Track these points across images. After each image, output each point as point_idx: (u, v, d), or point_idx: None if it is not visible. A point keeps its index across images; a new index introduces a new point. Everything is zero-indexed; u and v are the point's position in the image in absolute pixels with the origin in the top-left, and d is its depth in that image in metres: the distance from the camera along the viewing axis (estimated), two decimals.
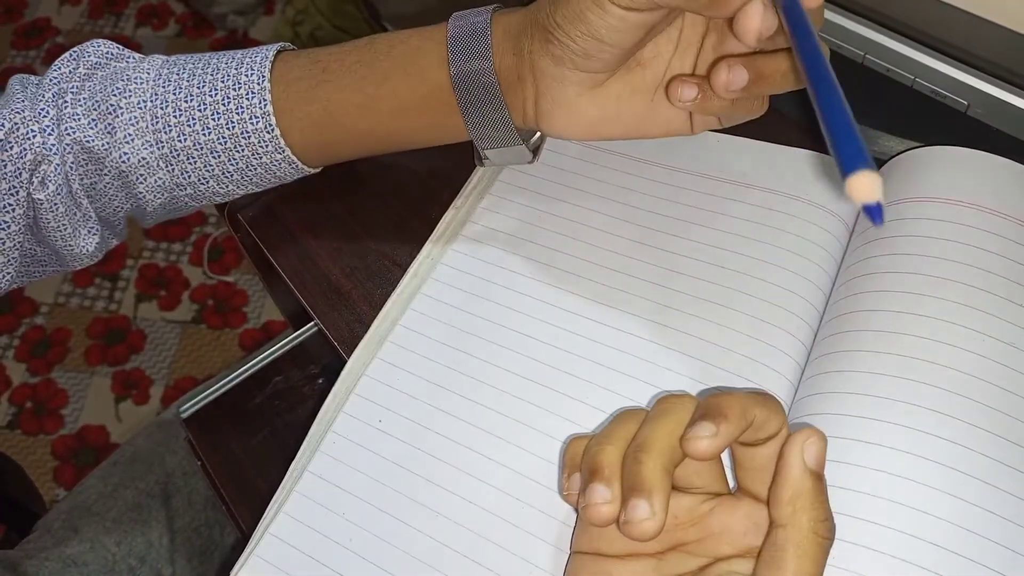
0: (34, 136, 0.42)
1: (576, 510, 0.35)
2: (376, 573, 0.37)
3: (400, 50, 0.42)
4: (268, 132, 0.42)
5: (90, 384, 1.33)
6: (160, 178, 0.43)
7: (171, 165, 0.43)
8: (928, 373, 0.35)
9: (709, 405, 0.30)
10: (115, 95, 0.42)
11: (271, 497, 0.39)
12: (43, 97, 0.42)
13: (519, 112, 0.41)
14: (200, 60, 0.43)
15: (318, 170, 0.45)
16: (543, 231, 0.45)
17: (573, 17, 0.36)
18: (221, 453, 0.46)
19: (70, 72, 0.43)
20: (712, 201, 0.44)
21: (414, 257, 0.45)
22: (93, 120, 0.42)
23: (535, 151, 0.45)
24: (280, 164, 0.43)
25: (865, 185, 0.24)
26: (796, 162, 0.44)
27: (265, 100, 0.42)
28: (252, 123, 0.42)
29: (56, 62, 0.44)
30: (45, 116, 0.42)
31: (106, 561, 0.54)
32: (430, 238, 0.45)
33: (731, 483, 0.34)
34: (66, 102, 0.42)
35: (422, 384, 0.41)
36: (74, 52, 0.44)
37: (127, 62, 0.44)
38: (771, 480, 0.30)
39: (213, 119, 0.42)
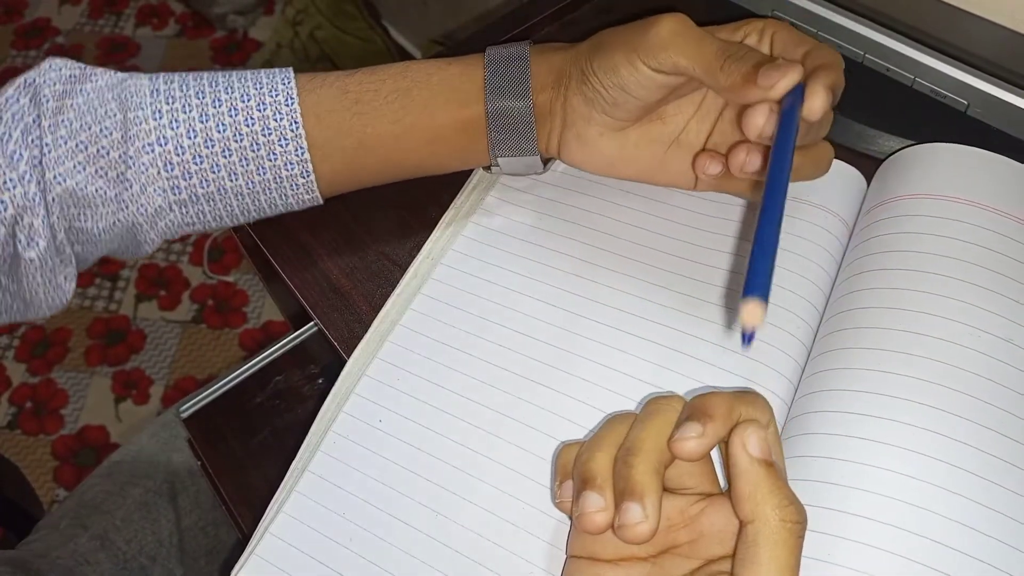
0: (12, 186, 0.37)
1: (570, 517, 0.35)
2: (376, 572, 0.37)
3: (439, 77, 0.42)
4: (304, 177, 0.41)
5: (90, 384, 1.33)
6: (172, 220, 0.41)
7: (186, 208, 0.41)
8: (927, 370, 0.35)
9: (695, 406, 0.30)
10: (107, 135, 0.38)
11: (271, 497, 0.39)
12: (10, 137, 0.38)
13: (543, 141, 0.43)
14: (205, 94, 0.40)
15: (322, 202, 0.44)
16: (543, 231, 0.45)
17: (608, 69, 0.39)
18: (221, 453, 0.46)
19: (31, 104, 0.39)
20: (713, 201, 0.44)
21: (414, 257, 0.45)
22: (82, 164, 0.38)
23: (546, 162, 0.46)
24: (303, 200, 0.43)
25: (753, 313, 0.29)
26: None
27: (302, 148, 0.41)
28: (287, 169, 0.41)
29: (5, 94, 0.39)
30: (20, 160, 0.37)
31: (117, 560, 0.54)
32: (430, 238, 0.45)
33: (723, 483, 0.34)
34: (46, 143, 0.38)
35: (422, 384, 0.41)
36: (28, 80, 0.40)
37: (94, 82, 0.40)
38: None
39: (242, 165, 0.40)
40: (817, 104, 0.35)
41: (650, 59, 0.38)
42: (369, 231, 0.47)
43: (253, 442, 0.46)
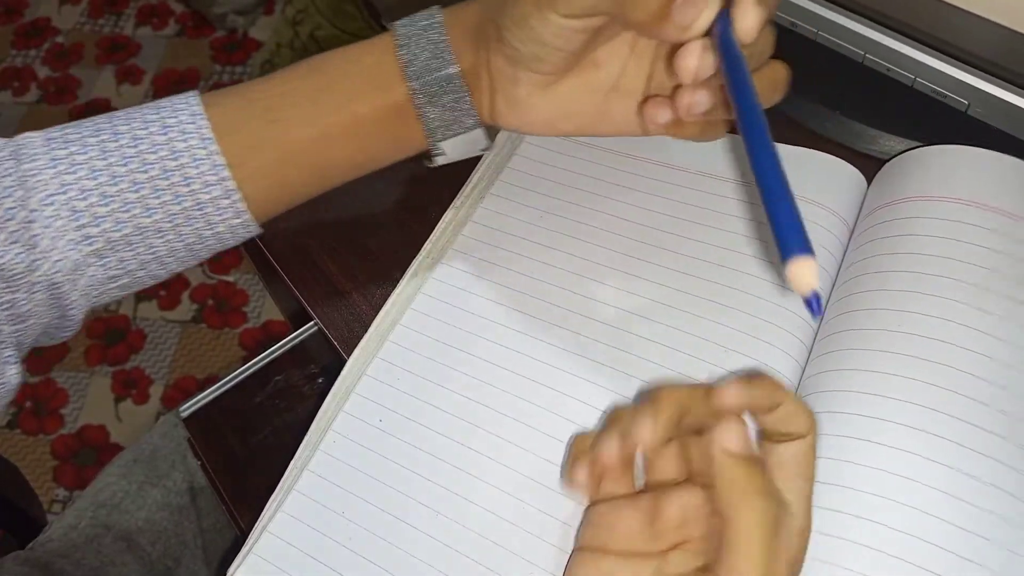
0: None
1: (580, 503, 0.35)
2: (375, 572, 0.37)
3: (355, 69, 0.39)
4: (227, 198, 0.37)
5: (90, 384, 1.33)
6: (93, 275, 0.37)
7: (105, 258, 0.37)
8: (928, 371, 0.35)
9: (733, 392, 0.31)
10: (8, 195, 0.35)
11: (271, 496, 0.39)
12: None
13: (479, 110, 0.40)
14: (102, 131, 0.37)
15: (261, 231, 0.40)
16: (544, 230, 0.45)
17: (518, 22, 0.35)
18: (221, 452, 0.46)
19: None
20: (713, 200, 0.44)
21: (414, 257, 0.45)
22: None
23: (492, 134, 0.42)
24: (235, 227, 0.39)
25: (803, 273, 0.23)
26: (796, 160, 0.44)
27: (219, 165, 0.36)
28: (206, 192, 0.37)
29: None
30: None
31: (143, 561, 0.53)
32: (430, 238, 0.45)
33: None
34: None
35: (422, 383, 0.41)
36: None
37: None
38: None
39: (155, 197, 0.36)
40: (748, 23, 0.31)
41: (559, 4, 0.34)
42: (369, 231, 0.47)
43: (253, 441, 0.46)
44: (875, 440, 0.34)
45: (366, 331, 0.43)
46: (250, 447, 0.46)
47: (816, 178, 0.44)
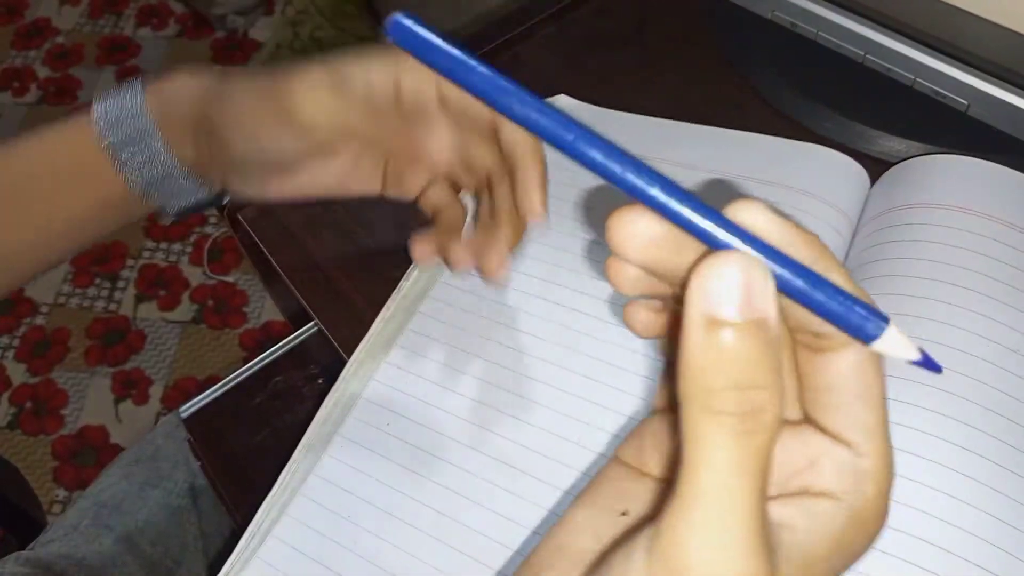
0: None
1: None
2: None
3: (52, 159, 0.37)
4: None
5: (90, 384, 1.33)
6: None
7: None
8: (935, 377, 0.35)
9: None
10: None
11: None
12: None
13: (207, 186, 0.40)
14: None
15: None
16: (548, 229, 0.45)
17: (248, 135, 0.36)
18: (221, 453, 0.46)
19: None
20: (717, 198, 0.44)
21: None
22: None
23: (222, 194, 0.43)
24: None
25: (899, 342, 0.19)
26: (799, 157, 0.44)
27: None
28: None
29: None
30: None
31: (144, 563, 0.53)
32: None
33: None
34: None
35: (431, 387, 0.41)
36: None
37: None
38: (845, 409, 0.21)
39: None
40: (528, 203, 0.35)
41: (301, 121, 0.35)
42: (369, 231, 0.47)
43: (253, 442, 0.46)
44: None
45: (366, 331, 0.43)
46: (250, 448, 0.46)
47: (820, 173, 0.43)
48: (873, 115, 0.47)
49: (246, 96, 0.36)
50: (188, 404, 0.49)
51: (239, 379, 0.48)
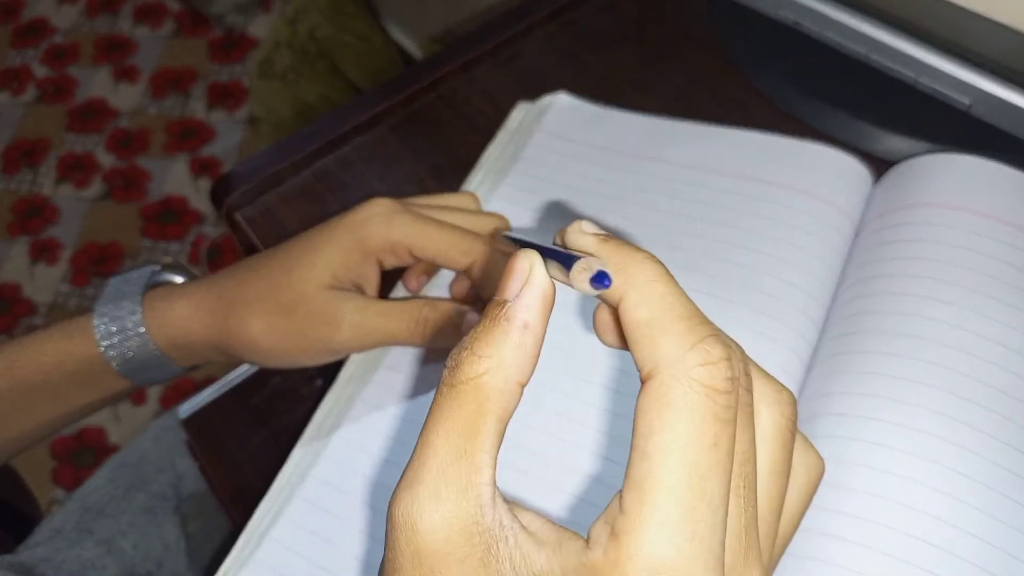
0: None
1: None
2: None
3: (53, 366, 0.40)
4: None
5: None
6: None
7: None
8: (935, 376, 0.35)
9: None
10: None
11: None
12: None
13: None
14: None
15: None
16: (552, 228, 0.44)
17: (264, 358, 0.39)
18: (220, 454, 0.46)
19: None
20: (719, 196, 0.44)
21: None
22: None
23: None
24: None
25: (581, 271, 0.21)
26: (801, 155, 0.44)
27: None
28: None
29: None
30: None
31: (124, 565, 0.53)
32: None
33: None
34: None
35: (430, 389, 0.41)
36: None
37: None
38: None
39: None
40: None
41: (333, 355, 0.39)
42: None
43: (252, 443, 0.45)
44: (880, 442, 0.34)
45: None
46: (248, 449, 0.45)
47: (822, 172, 0.43)
48: (875, 114, 0.47)
49: (270, 340, 0.38)
50: (186, 404, 0.49)
51: (238, 380, 0.48)
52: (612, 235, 0.22)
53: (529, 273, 0.21)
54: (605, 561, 0.18)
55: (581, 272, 0.21)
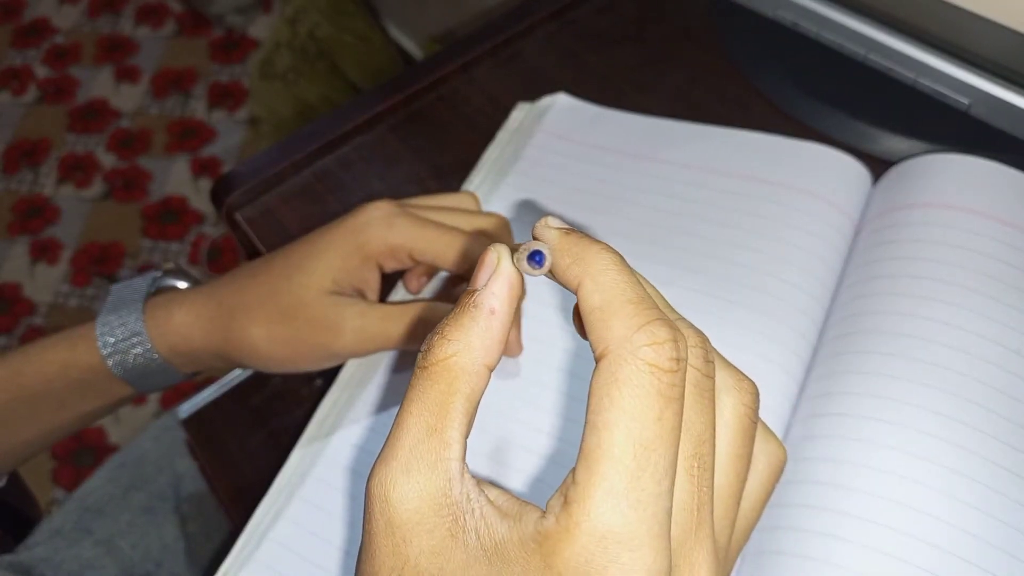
0: None
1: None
2: None
3: (55, 374, 0.40)
4: None
5: None
6: None
7: None
8: (935, 376, 0.35)
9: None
10: None
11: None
12: None
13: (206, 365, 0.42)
14: None
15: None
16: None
17: (264, 363, 0.39)
18: (219, 454, 0.46)
19: None
20: (719, 196, 0.44)
21: None
22: None
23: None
24: None
25: (522, 254, 0.23)
26: (801, 155, 0.44)
27: None
28: None
29: None
30: None
31: (123, 565, 0.53)
32: None
33: None
34: None
35: None
36: None
37: None
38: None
39: None
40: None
41: (336, 360, 0.38)
42: None
43: (251, 443, 0.45)
44: (881, 443, 0.34)
45: None
46: (248, 449, 0.45)
47: (822, 172, 0.43)
48: (875, 114, 0.47)
49: (272, 347, 0.38)
50: (186, 404, 0.49)
51: (237, 380, 0.48)
52: (574, 229, 0.23)
53: (497, 264, 0.23)
54: (557, 528, 0.20)
55: (522, 254, 0.23)
